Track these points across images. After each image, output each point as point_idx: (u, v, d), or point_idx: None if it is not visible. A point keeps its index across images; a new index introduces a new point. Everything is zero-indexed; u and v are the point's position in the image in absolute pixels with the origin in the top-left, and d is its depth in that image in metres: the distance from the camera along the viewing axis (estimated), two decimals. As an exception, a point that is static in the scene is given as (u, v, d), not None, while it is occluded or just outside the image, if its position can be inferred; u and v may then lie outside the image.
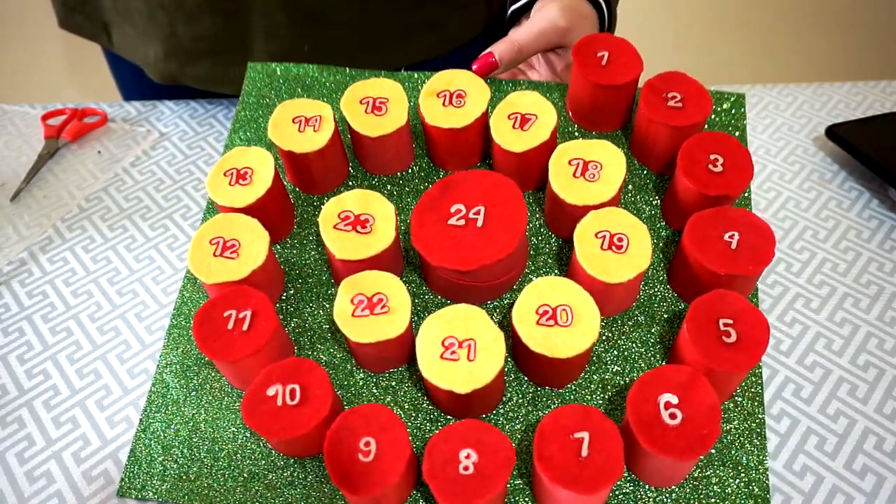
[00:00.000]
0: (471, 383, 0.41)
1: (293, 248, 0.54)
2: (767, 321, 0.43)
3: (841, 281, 0.59)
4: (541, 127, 0.51)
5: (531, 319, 0.44)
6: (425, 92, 0.54)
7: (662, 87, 0.51)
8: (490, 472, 0.39)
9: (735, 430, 0.45)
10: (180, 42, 0.71)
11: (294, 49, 0.71)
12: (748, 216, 0.46)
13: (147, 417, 0.48)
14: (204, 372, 0.49)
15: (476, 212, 0.47)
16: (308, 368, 0.43)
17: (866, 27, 1.98)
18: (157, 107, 0.80)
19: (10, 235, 0.65)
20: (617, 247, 0.45)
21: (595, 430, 0.39)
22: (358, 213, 0.49)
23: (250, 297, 0.46)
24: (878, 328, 0.55)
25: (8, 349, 0.56)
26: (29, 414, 0.51)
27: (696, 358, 0.43)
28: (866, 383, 0.51)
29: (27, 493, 0.47)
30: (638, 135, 0.54)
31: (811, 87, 0.79)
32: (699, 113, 0.50)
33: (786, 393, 0.51)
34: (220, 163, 0.51)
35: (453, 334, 0.43)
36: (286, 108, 0.54)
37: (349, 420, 0.41)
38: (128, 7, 0.72)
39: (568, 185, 0.48)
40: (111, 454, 0.49)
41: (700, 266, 0.46)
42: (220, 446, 0.47)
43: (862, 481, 0.46)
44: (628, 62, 0.53)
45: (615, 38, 0.54)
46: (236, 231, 0.48)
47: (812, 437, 0.49)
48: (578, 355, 0.43)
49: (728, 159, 0.48)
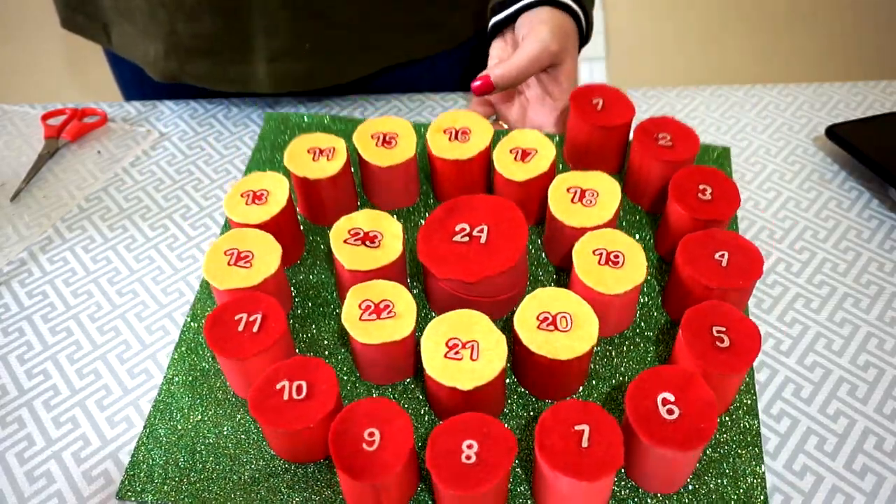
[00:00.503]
0: (473, 381, 0.43)
1: (302, 273, 0.56)
2: (759, 329, 0.44)
3: (841, 281, 0.59)
4: (541, 159, 0.55)
5: (532, 325, 0.45)
6: (432, 129, 0.58)
7: (653, 129, 0.56)
8: (492, 462, 0.39)
9: (731, 440, 0.46)
10: (181, 40, 0.71)
11: (294, 47, 0.71)
12: (737, 238, 0.49)
13: (150, 424, 0.48)
14: (210, 382, 0.50)
15: (479, 230, 0.49)
16: (315, 366, 0.44)
17: (866, 27, 1.98)
18: (157, 107, 0.80)
19: (10, 235, 0.65)
20: (614, 262, 0.48)
21: (595, 423, 0.40)
22: (367, 230, 0.51)
23: (261, 301, 0.47)
24: (878, 328, 0.55)
25: (8, 349, 0.56)
26: (29, 414, 0.51)
27: (691, 361, 0.44)
28: (866, 383, 0.52)
29: (27, 493, 0.47)
30: (631, 172, 0.57)
31: (811, 87, 0.79)
32: (688, 151, 0.54)
33: (786, 393, 0.51)
34: (237, 185, 0.54)
35: (457, 336, 0.45)
36: (302, 140, 0.58)
37: (354, 412, 0.42)
38: (129, 6, 0.72)
39: (566, 210, 0.51)
40: (111, 454, 0.49)
41: (693, 281, 0.47)
42: (223, 451, 0.47)
43: (862, 481, 0.46)
44: (621, 108, 0.57)
45: (608, 88, 0.58)
46: (250, 244, 0.50)
47: (812, 437, 0.49)
48: (578, 358, 0.44)
49: (716, 190, 0.51)
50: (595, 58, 1.09)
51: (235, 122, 0.78)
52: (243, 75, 0.73)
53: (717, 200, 0.51)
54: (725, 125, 0.75)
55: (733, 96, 0.79)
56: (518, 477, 0.46)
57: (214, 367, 0.51)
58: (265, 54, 0.71)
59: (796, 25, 1.99)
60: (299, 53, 0.71)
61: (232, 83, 0.74)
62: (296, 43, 0.71)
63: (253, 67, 0.72)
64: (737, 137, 0.73)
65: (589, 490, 0.40)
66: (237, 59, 0.72)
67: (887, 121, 0.70)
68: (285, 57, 0.71)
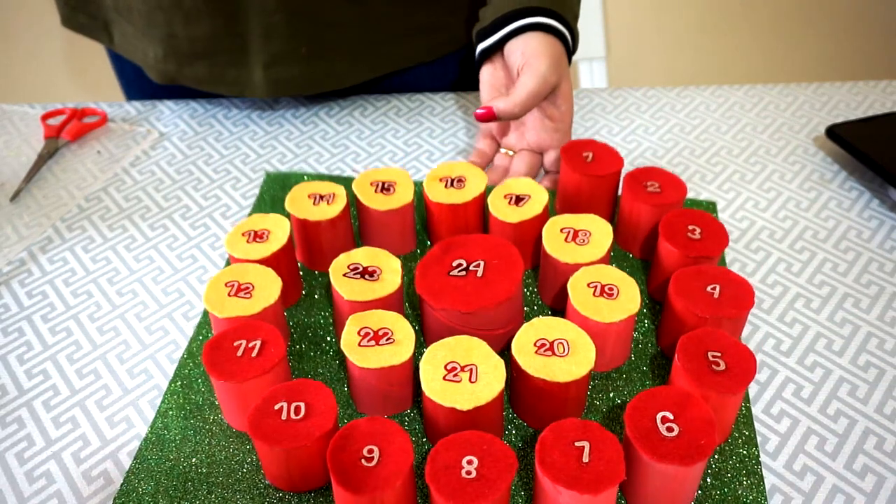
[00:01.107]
0: (472, 401, 0.43)
1: (298, 315, 0.56)
2: (754, 355, 0.45)
3: (841, 281, 0.59)
4: (534, 204, 0.56)
5: (530, 350, 0.46)
6: (429, 178, 0.60)
7: (642, 177, 0.58)
8: (492, 477, 0.39)
9: (732, 468, 0.46)
10: (178, 43, 0.71)
11: (291, 51, 0.71)
12: (727, 273, 0.50)
13: (141, 455, 0.48)
14: (205, 415, 0.50)
15: (476, 265, 0.50)
16: (314, 388, 0.44)
17: (866, 27, 1.98)
18: (157, 107, 0.80)
19: (10, 235, 0.65)
20: (608, 294, 0.49)
21: (595, 440, 0.40)
22: (367, 265, 0.52)
23: (261, 329, 0.47)
24: (878, 328, 0.55)
25: (8, 349, 0.56)
26: (29, 414, 0.51)
27: (687, 384, 0.44)
28: (866, 383, 0.51)
29: (27, 493, 0.47)
30: (622, 219, 0.59)
31: (811, 87, 0.79)
32: (676, 195, 0.56)
33: (786, 393, 0.51)
34: (239, 225, 0.55)
35: (455, 360, 0.45)
36: (303, 187, 0.59)
37: (353, 429, 0.42)
38: (127, 6, 0.72)
39: (560, 248, 0.53)
40: (111, 454, 0.49)
41: (686, 312, 0.48)
42: (215, 481, 0.46)
43: (862, 481, 0.46)
44: (610, 159, 0.59)
45: (597, 143, 0.61)
46: (251, 277, 0.51)
47: (812, 437, 0.49)
48: (576, 382, 0.45)
49: (705, 230, 0.53)
50: (595, 58, 1.09)
51: (235, 122, 0.78)
52: (240, 79, 0.73)
53: (706, 239, 0.53)
54: (725, 125, 0.75)
55: (733, 96, 0.79)
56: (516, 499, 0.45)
57: (209, 400, 0.50)
58: (262, 58, 0.71)
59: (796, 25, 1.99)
60: (296, 57, 0.71)
61: (229, 87, 0.74)
62: (292, 47, 0.71)
63: (249, 71, 0.72)
64: (737, 137, 0.73)
65: (593, 502, 0.39)
66: (234, 61, 0.72)
67: (887, 121, 0.70)
68: (282, 61, 0.71)
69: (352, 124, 0.77)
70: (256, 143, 0.75)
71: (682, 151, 0.72)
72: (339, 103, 0.79)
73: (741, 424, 0.48)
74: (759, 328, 0.55)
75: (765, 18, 1.99)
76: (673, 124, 0.75)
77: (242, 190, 0.69)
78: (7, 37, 2.04)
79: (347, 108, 0.79)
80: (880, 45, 1.97)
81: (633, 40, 1.91)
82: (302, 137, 0.75)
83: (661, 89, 0.80)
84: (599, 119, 0.76)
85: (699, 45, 1.97)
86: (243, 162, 0.72)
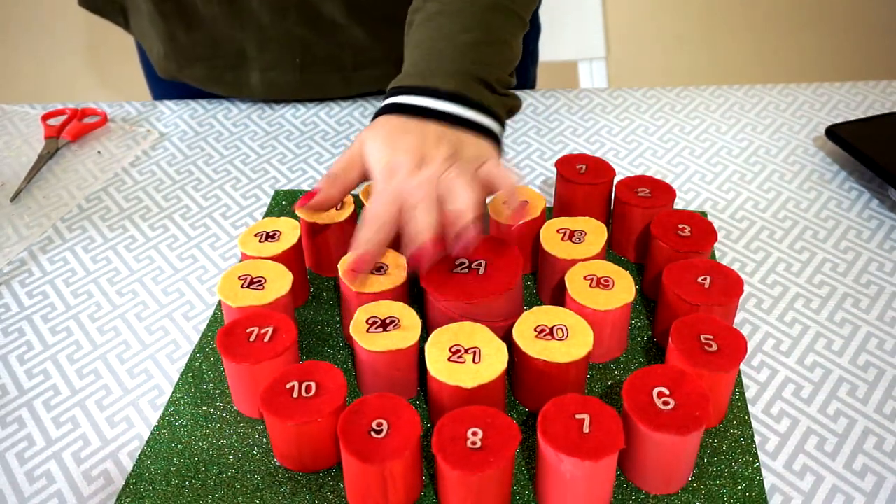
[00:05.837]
0: (476, 380, 0.44)
1: (306, 315, 0.57)
2: (745, 338, 0.47)
3: (841, 281, 0.59)
4: (531, 209, 0.58)
5: (530, 335, 0.48)
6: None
7: (633, 184, 0.60)
8: (497, 447, 0.41)
9: (727, 447, 0.47)
10: (179, 46, 0.73)
11: (285, 60, 0.74)
12: (717, 266, 0.52)
13: (153, 438, 0.49)
14: (216, 403, 0.51)
15: (478, 264, 0.52)
16: (324, 369, 0.46)
17: (866, 27, 1.97)
18: (157, 107, 0.80)
19: (10, 235, 0.65)
20: (604, 285, 0.51)
21: (595, 413, 0.42)
22: None
23: (272, 317, 0.49)
24: (878, 328, 0.55)
25: (8, 349, 0.56)
26: (29, 414, 0.51)
27: (681, 362, 0.46)
28: (866, 383, 0.51)
29: (27, 493, 0.47)
30: (616, 223, 0.61)
31: (811, 87, 0.79)
32: (666, 198, 0.59)
33: (786, 393, 0.51)
34: (252, 227, 0.57)
35: (459, 343, 0.47)
36: None
37: (363, 404, 0.43)
38: (135, 2, 0.74)
39: (557, 246, 0.55)
40: (111, 454, 0.49)
41: (679, 301, 0.50)
42: (226, 461, 0.47)
43: (862, 481, 0.46)
44: (603, 170, 0.61)
45: (590, 156, 0.62)
46: (263, 271, 0.53)
47: (812, 437, 0.49)
48: (575, 363, 0.46)
49: (694, 228, 0.56)
50: (595, 58, 1.09)
51: (235, 122, 0.78)
52: (238, 81, 0.76)
53: (696, 237, 0.55)
54: (725, 125, 0.75)
55: (733, 96, 0.79)
56: (518, 478, 0.46)
57: (220, 389, 0.51)
58: (258, 64, 0.73)
59: (797, 25, 1.98)
60: (291, 66, 0.73)
61: (227, 88, 0.76)
62: (286, 56, 0.73)
63: (247, 74, 0.74)
64: (737, 137, 0.73)
65: (592, 473, 0.41)
66: (232, 64, 0.75)
67: (887, 121, 0.70)
68: (277, 68, 0.74)
69: (352, 124, 0.77)
70: (256, 143, 0.75)
71: (681, 151, 0.72)
72: (339, 103, 0.79)
73: (735, 408, 0.49)
74: (759, 328, 0.55)
75: (764, 19, 1.99)
76: (673, 124, 0.75)
77: (242, 190, 0.69)
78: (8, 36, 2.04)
79: (347, 108, 0.79)
80: (880, 45, 1.97)
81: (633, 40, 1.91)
82: (302, 137, 0.75)
83: (661, 90, 0.80)
84: (599, 119, 0.76)
85: (699, 45, 1.97)
86: (243, 162, 0.72)
